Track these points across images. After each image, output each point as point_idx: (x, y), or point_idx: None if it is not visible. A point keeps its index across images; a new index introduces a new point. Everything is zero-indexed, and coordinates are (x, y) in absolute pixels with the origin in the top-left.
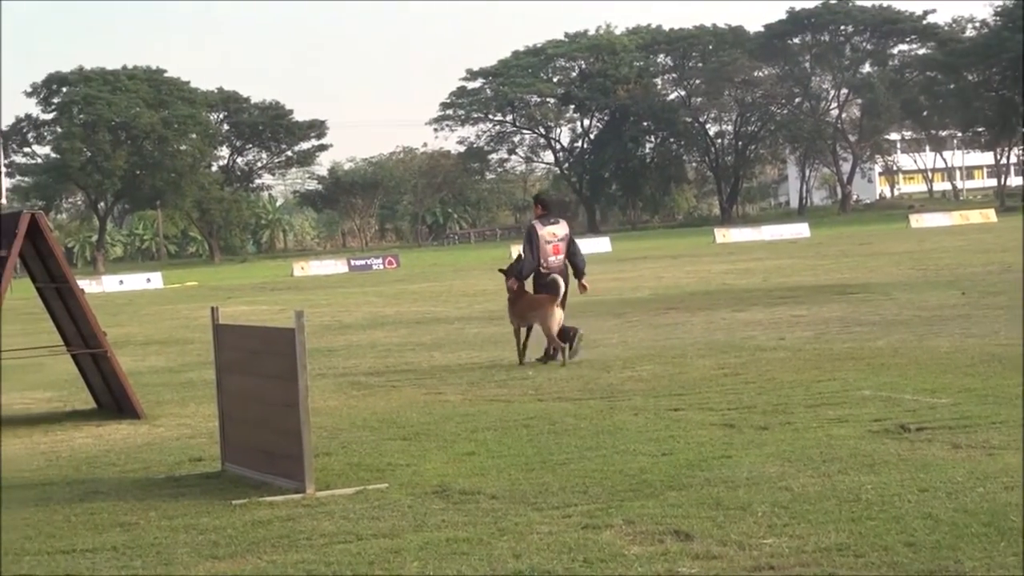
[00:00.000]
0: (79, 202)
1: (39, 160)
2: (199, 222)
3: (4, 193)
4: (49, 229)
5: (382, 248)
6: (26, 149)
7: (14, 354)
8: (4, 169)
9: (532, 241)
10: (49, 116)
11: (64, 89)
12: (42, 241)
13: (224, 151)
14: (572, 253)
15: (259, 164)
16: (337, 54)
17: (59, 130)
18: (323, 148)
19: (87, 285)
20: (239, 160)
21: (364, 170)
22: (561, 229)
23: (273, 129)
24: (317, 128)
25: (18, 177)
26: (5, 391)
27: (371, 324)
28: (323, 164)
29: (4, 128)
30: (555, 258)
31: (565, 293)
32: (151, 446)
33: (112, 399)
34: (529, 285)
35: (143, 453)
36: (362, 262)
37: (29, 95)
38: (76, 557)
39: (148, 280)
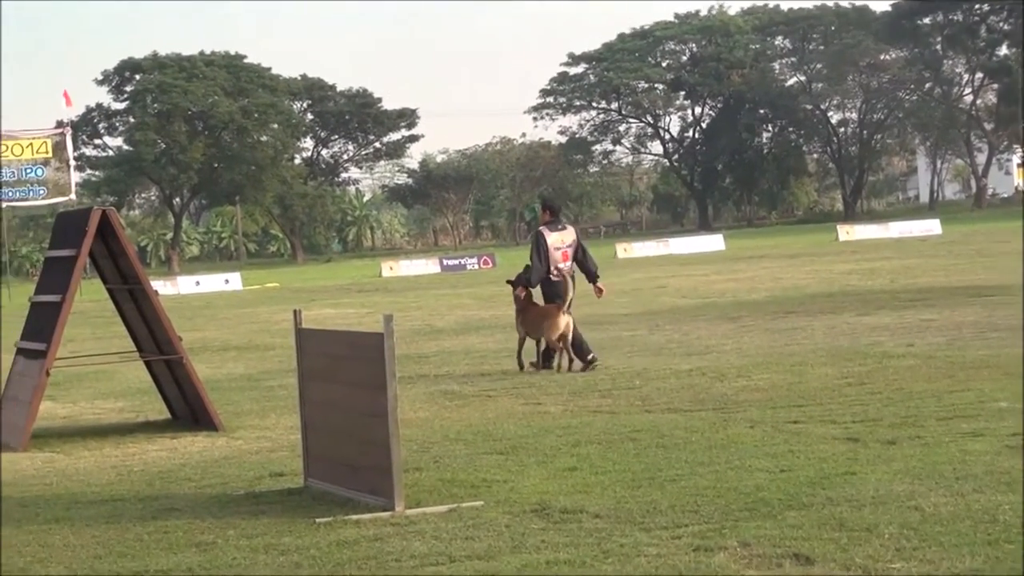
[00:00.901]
0: (153, 197)
1: (110, 153)
2: (281, 219)
3: (73, 188)
4: (121, 226)
5: (477, 247)
6: (97, 141)
7: (84, 360)
8: (73, 162)
9: (540, 248)
10: (121, 105)
11: (137, 77)
12: (113, 239)
13: (308, 142)
14: (583, 259)
15: (345, 156)
16: (429, 38)
17: (132, 120)
18: (414, 139)
19: (161, 286)
20: (324, 152)
21: (458, 162)
22: (569, 235)
23: (360, 119)
24: (407, 117)
25: (88, 171)
26: (75, 399)
27: (465, 328)
28: (414, 156)
29: (75, 118)
30: (564, 264)
31: (572, 299)
32: (229, 460)
33: (188, 409)
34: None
35: (220, 467)
36: (455, 261)
37: (100, 83)
38: None
39: (226, 281)
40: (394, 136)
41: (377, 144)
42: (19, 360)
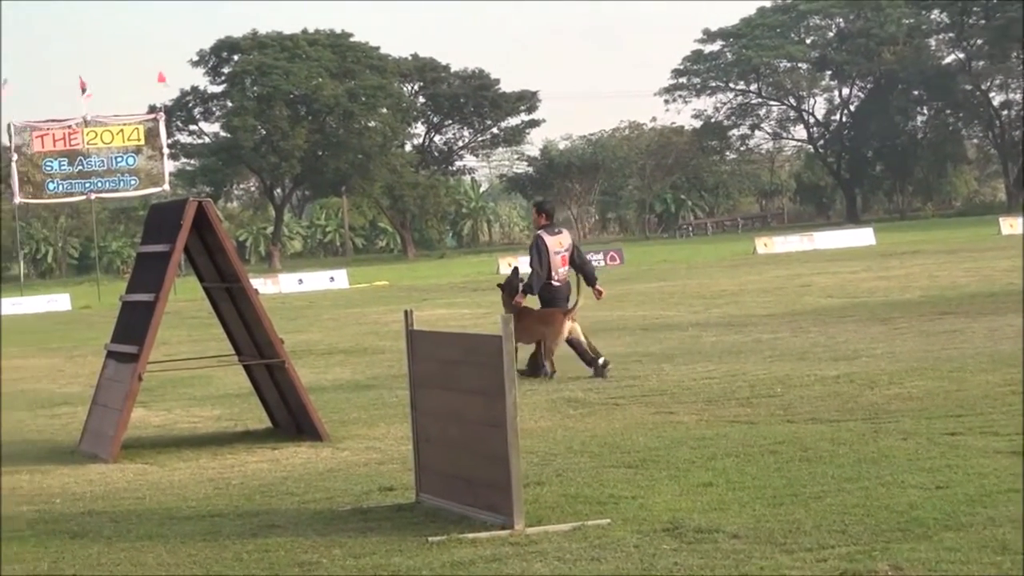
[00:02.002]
0: (252, 188)
1: (207, 140)
2: (390, 211)
3: (167, 178)
4: (218, 220)
5: (603, 241)
6: (192, 127)
7: (179, 364)
8: (167, 150)
9: (541, 252)
10: (218, 89)
11: (235, 57)
12: (210, 234)
13: (419, 128)
14: (581, 262)
15: (460, 143)
16: (551, 13)
17: (230, 105)
18: (534, 124)
19: (261, 285)
20: (437, 138)
21: (582, 149)
22: (566, 239)
23: (476, 102)
24: (527, 100)
25: (183, 160)
26: (169, 407)
27: (589, 330)
28: (534, 143)
29: (168, 102)
30: (563, 269)
31: (576, 305)
32: (335, 473)
33: (290, 417)
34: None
35: (325, 481)
36: None
37: (196, 64)
38: None
39: (331, 279)
40: (513, 121)
41: (494, 130)
42: (109, 364)
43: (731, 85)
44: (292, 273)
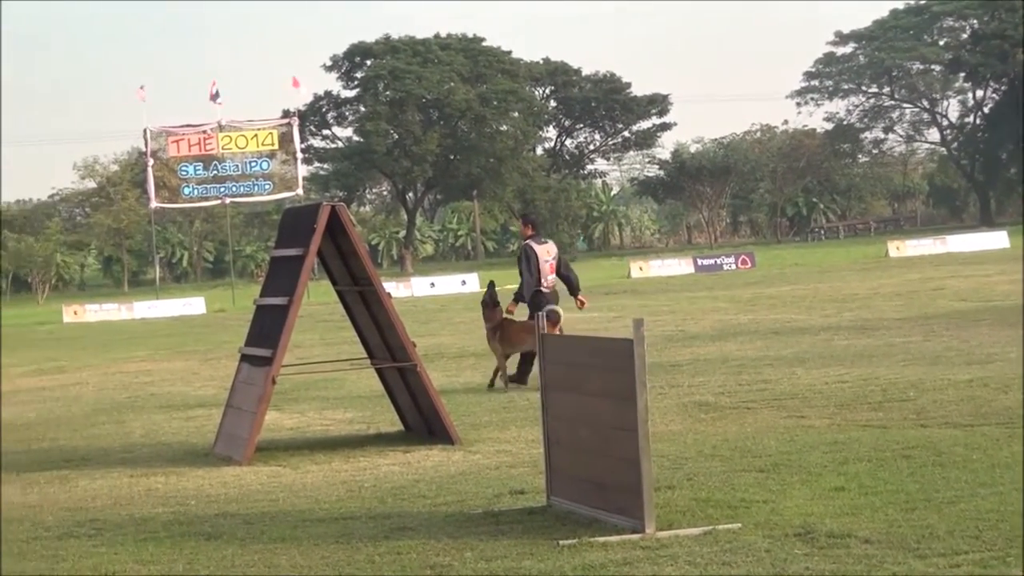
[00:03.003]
0: (385, 192)
1: (340, 144)
2: (521, 214)
3: (300, 183)
4: (351, 224)
5: (734, 245)
6: (325, 131)
7: (312, 368)
8: (300, 155)
9: (531, 261)
10: (351, 93)
11: (368, 62)
12: (344, 238)
13: (551, 132)
14: (566, 272)
15: (591, 147)
16: (681, 17)
17: (362, 109)
18: (665, 127)
19: (394, 288)
20: (568, 142)
21: (713, 153)
22: (552, 248)
23: (607, 106)
24: (659, 104)
25: (316, 164)
26: (302, 410)
27: (721, 334)
28: (665, 146)
29: (302, 107)
30: (551, 277)
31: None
32: (466, 476)
33: (422, 421)
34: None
35: (457, 484)
36: (711, 261)
37: (329, 69)
38: None
39: (463, 282)
40: (644, 124)
41: (626, 133)
42: (243, 367)
43: (863, 88)
44: (424, 277)
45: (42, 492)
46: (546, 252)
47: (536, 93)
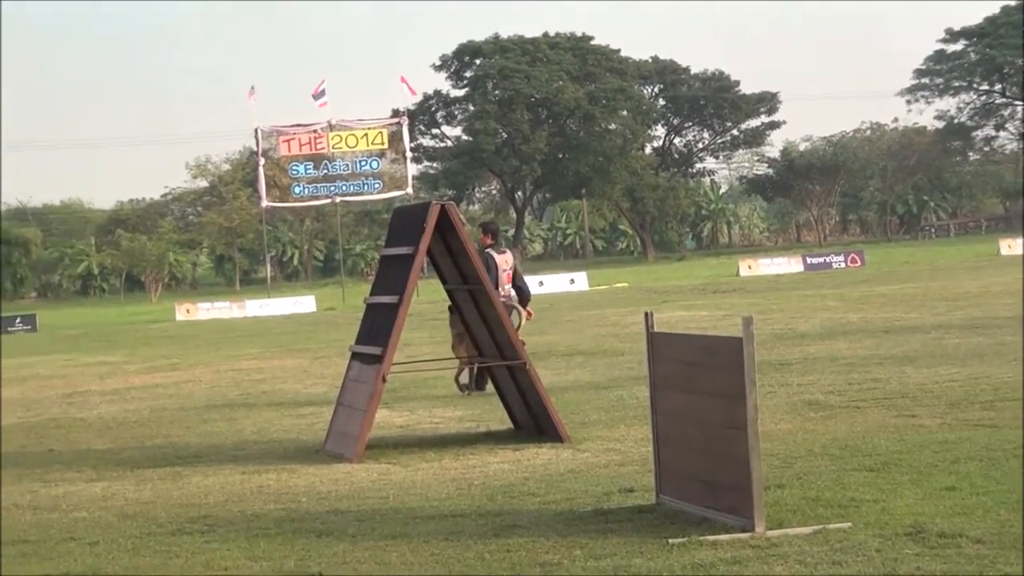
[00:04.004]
0: (494, 191)
1: (449, 143)
2: (629, 213)
3: (410, 182)
4: (461, 222)
5: (843, 243)
6: (434, 130)
7: (421, 366)
8: (410, 154)
9: (491, 270)
10: (460, 92)
11: (477, 61)
12: (453, 236)
13: (659, 130)
14: (520, 283)
15: (700, 145)
16: (790, 14)
17: (471, 108)
18: (774, 126)
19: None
20: (676, 141)
21: (823, 151)
22: (510, 258)
23: (716, 104)
24: (768, 102)
25: (425, 163)
26: (412, 408)
27: (831, 333)
28: (774, 144)
29: (412, 106)
30: (508, 286)
31: (521, 325)
32: (575, 474)
33: (531, 419)
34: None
35: (566, 482)
36: (820, 259)
37: (438, 68)
38: None
39: (571, 281)
40: (753, 122)
41: (734, 131)
42: (354, 365)
43: (975, 85)
44: (533, 275)
45: (155, 488)
46: (504, 262)
47: (645, 91)
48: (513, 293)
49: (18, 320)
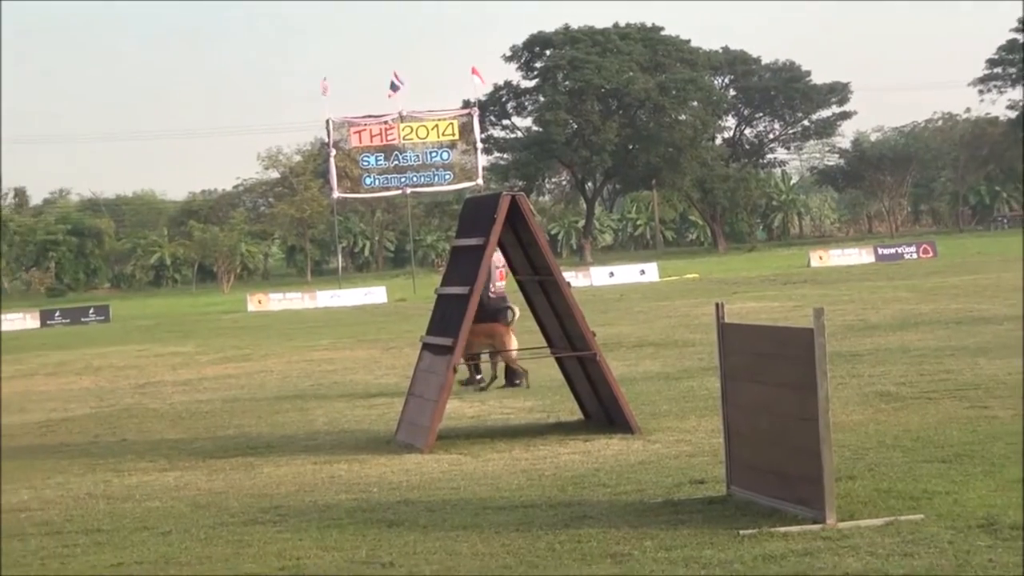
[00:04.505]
0: (564, 182)
1: (519, 134)
2: (700, 204)
3: (480, 172)
4: (531, 213)
5: (915, 234)
6: (505, 121)
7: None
8: (480, 145)
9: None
10: (531, 83)
11: (548, 52)
12: (523, 227)
13: (730, 121)
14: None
15: (770, 136)
16: (859, 5)
17: (542, 99)
18: (845, 116)
19: (573, 277)
20: (747, 131)
21: (894, 141)
22: (502, 257)
23: (787, 94)
24: (839, 92)
25: (496, 154)
26: (483, 398)
27: (902, 324)
28: (845, 135)
29: (482, 97)
30: (501, 283)
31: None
32: (646, 465)
33: (601, 409)
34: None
35: (637, 473)
36: (891, 250)
37: (509, 59)
38: None
39: (642, 272)
40: (824, 113)
41: (805, 122)
42: (425, 355)
43: None
44: (603, 266)
45: (227, 478)
46: (497, 259)
47: (715, 82)
48: (500, 287)
49: (92, 311)
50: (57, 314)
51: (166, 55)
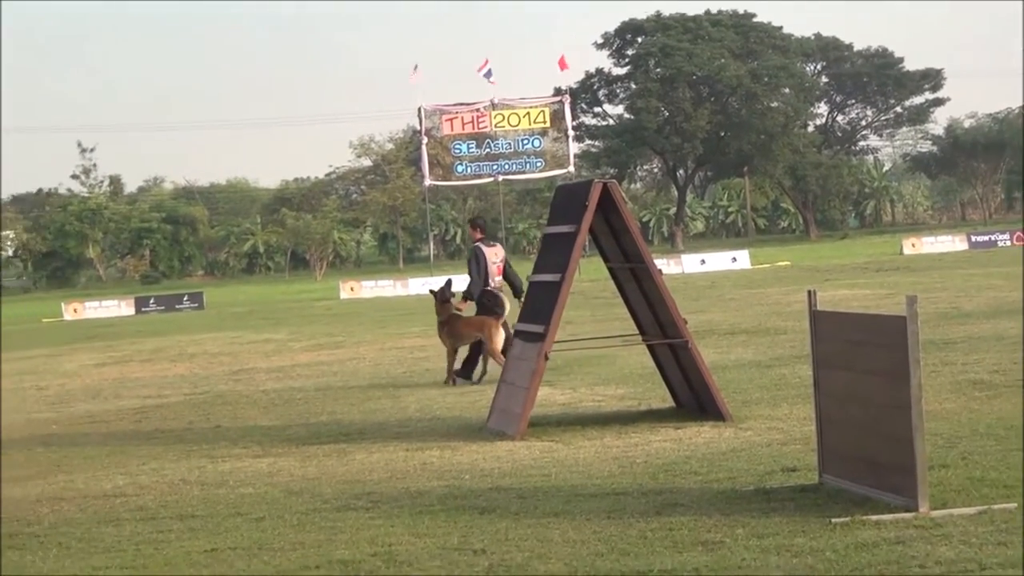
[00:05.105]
0: (655, 169)
1: (611, 121)
2: (792, 191)
3: (572, 160)
4: (623, 201)
5: (1008, 221)
6: (596, 109)
7: (583, 344)
8: (571, 132)
9: (480, 262)
10: (622, 71)
11: (639, 39)
12: (615, 215)
13: (822, 108)
14: (512, 274)
15: (863, 122)
16: None
17: (633, 87)
18: (939, 103)
19: (664, 265)
20: (839, 118)
21: (988, 128)
22: (500, 251)
23: (880, 81)
24: (932, 79)
25: (587, 141)
26: (574, 385)
27: (996, 312)
28: (938, 122)
29: (573, 85)
30: (498, 278)
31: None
32: (737, 453)
33: (693, 397)
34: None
35: (728, 461)
36: (985, 238)
37: (600, 47)
38: None
39: (733, 259)
40: (917, 100)
41: (898, 109)
42: (516, 343)
43: None
44: (694, 254)
45: (320, 465)
46: (494, 254)
47: (807, 69)
48: (498, 282)
49: (186, 298)
50: (152, 301)
51: (260, 44)
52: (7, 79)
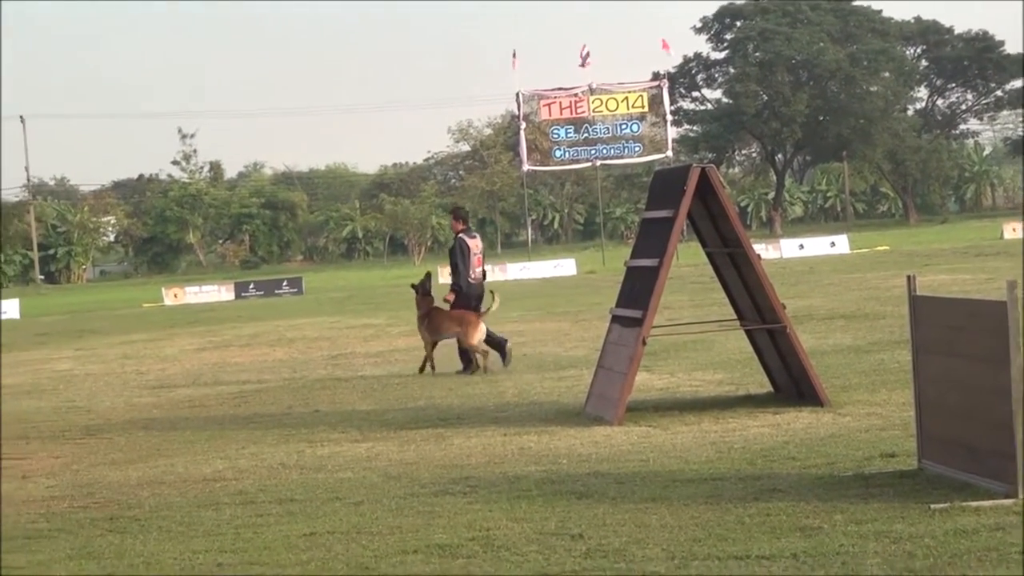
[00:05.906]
0: (754, 154)
1: (709, 106)
2: (891, 176)
3: (670, 145)
4: (721, 185)
5: None
6: (694, 93)
7: (681, 329)
8: (670, 117)
9: (464, 254)
10: (720, 55)
11: (738, 24)
12: (713, 199)
13: (922, 92)
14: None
15: (963, 106)
16: None
17: (732, 71)
18: None
19: (763, 250)
20: (939, 102)
21: None
22: (479, 243)
23: (980, 64)
24: None
25: (686, 126)
26: (672, 371)
27: None
28: None
29: (672, 69)
30: (479, 269)
31: (489, 309)
32: (836, 438)
33: (791, 382)
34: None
35: (826, 446)
36: None
37: (699, 31)
38: (750, 564)
39: (832, 244)
40: (1017, 83)
41: (999, 92)
42: (614, 328)
43: None
44: (793, 238)
45: (418, 449)
46: (475, 246)
47: (907, 53)
48: (478, 273)
49: (285, 283)
50: (251, 286)
51: (358, 29)
52: (107, 66)
